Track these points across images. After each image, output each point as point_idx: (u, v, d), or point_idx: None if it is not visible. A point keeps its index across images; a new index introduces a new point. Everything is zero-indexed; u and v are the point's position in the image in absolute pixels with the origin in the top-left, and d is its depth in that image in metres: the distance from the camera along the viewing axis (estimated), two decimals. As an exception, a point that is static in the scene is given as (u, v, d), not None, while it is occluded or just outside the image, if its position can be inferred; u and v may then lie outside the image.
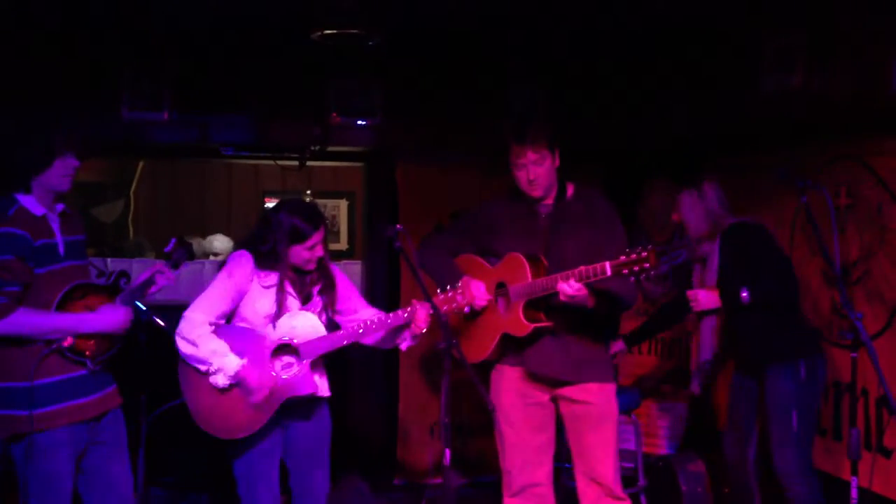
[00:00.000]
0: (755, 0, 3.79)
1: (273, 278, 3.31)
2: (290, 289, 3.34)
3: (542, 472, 3.52)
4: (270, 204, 7.11)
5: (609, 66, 4.81)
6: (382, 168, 5.29)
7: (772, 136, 4.35)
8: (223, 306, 3.28)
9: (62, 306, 2.98)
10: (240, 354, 3.24)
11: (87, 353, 3.01)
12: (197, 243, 6.04)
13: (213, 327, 3.26)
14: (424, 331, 3.35)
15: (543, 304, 3.32)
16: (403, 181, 5.23)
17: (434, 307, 3.12)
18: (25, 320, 2.90)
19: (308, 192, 6.67)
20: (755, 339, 3.80)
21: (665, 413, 5.08)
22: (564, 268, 3.17)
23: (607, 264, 3.05)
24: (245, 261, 3.31)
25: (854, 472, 3.34)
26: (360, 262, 5.73)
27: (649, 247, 2.97)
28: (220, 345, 3.22)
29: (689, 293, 3.87)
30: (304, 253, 3.30)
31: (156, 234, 6.28)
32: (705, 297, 3.80)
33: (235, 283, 3.29)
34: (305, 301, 3.37)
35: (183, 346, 3.23)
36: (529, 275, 3.31)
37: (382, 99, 4.72)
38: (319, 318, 3.36)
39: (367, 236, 5.56)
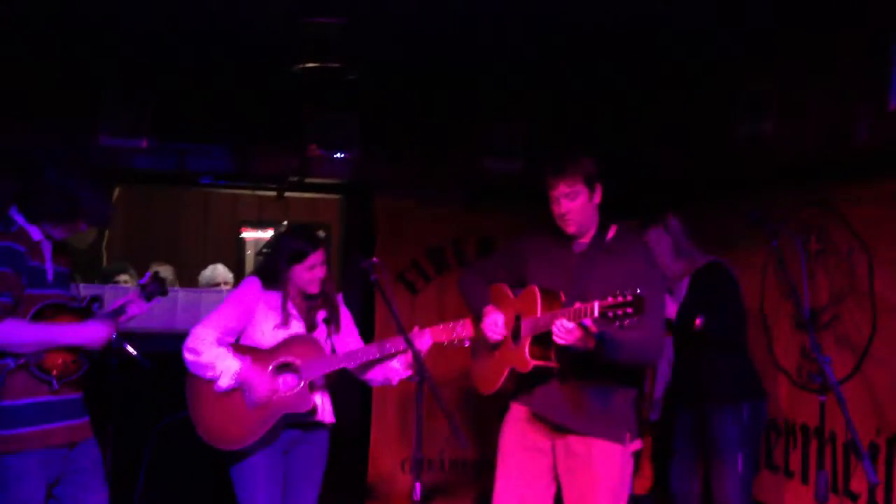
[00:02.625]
0: (728, 49, 3.88)
1: (278, 299, 3.44)
2: (294, 312, 3.47)
3: None
4: (245, 234, 7.12)
5: (579, 108, 4.88)
6: (359, 200, 5.31)
7: (743, 181, 4.42)
8: (230, 322, 3.42)
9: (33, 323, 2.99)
10: (243, 364, 3.36)
11: (54, 371, 3.00)
12: (206, 272, 5.98)
13: (219, 342, 3.38)
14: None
15: (554, 343, 3.06)
16: (381, 214, 5.25)
17: (408, 342, 3.14)
18: (13, 330, 2.91)
19: (285, 222, 6.66)
20: (702, 376, 3.89)
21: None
22: None
23: (596, 304, 2.85)
24: (252, 282, 3.48)
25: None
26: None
27: (637, 291, 2.79)
28: (222, 350, 3.36)
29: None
30: (305, 273, 3.42)
31: (130, 262, 6.21)
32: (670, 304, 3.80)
33: (242, 301, 3.45)
34: (310, 329, 3.50)
35: (188, 356, 3.37)
36: (540, 309, 3.16)
37: (361, 132, 4.75)
38: (324, 345, 3.47)
39: (342, 268, 5.56)
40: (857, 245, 3.85)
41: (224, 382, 3.34)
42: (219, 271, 5.88)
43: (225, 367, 3.33)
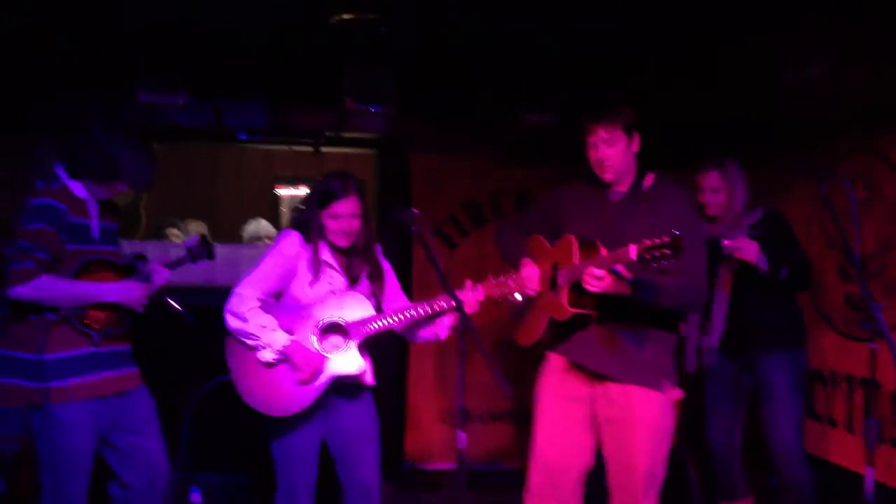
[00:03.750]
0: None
1: (322, 253, 3.30)
2: (335, 264, 3.32)
3: (566, 481, 3.28)
4: (280, 190, 7.13)
5: (617, 60, 4.78)
6: (395, 155, 5.28)
7: (789, 130, 4.33)
8: (271, 283, 3.27)
9: (77, 278, 3.04)
10: (288, 331, 3.23)
11: (96, 326, 3.06)
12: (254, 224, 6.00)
13: (262, 303, 3.25)
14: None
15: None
16: (416, 169, 5.22)
17: (454, 296, 3.05)
18: (48, 285, 2.96)
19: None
20: (762, 324, 3.79)
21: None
22: None
23: (632, 247, 2.82)
24: (292, 238, 3.30)
25: (870, 462, 3.33)
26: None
27: (673, 231, 2.76)
28: (269, 320, 3.21)
29: (730, 242, 3.68)
30: (333, 223, 3.27)
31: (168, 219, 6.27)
32: (749, 245, 3.65)
33: (283, 260, 3.28)
34: (353, 282, 3.35)
35: (231, 321, 3.22)
36: (577, 257, 3.12)
37: (397, 85, 4.70)
38: (368, 299, 3.33)
39: (377, 224, 5.55)
40: (905, 192, 3.78)
41: (268, 356, 3.20)
42: (262, 225, 5.91)
43: (270, 340, 3.19)
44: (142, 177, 3.18)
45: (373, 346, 3.41)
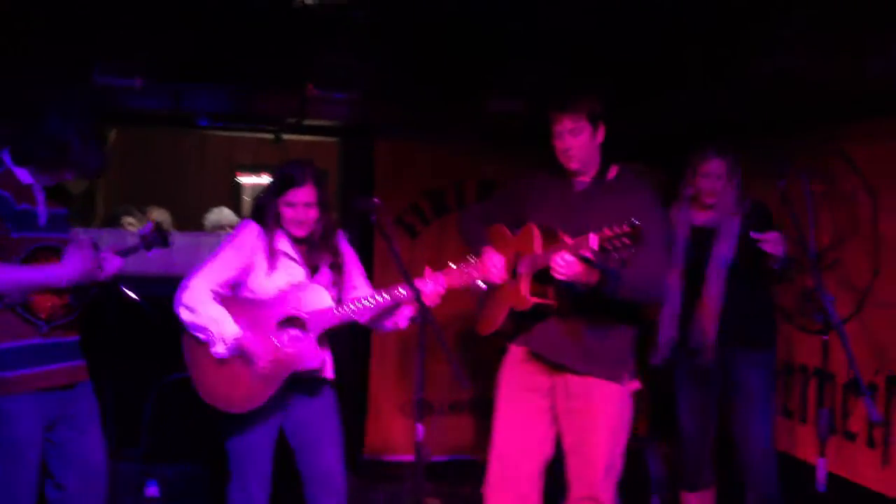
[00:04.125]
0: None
1: (280, 243, 3.24)
2: (294, 254, 3.26)
3: (525, 472, 3.30)
4: (242, 178, 7.05)
5: (585, 50, 4.77)
6: (358, 143, 5.24)
7: (748, 122, 4.37)
8: (226, 273, 3.22)
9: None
10: (244, 326, 3.15)
11: (43, 315, 2.95)
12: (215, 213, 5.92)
13: (217, 296, 3.19)
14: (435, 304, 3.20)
15: (553, 281, 3.07)
16: (380, 157, 5.19)
17: (413, 287, 3.01)
18: None
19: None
20: (750, 320, 3.71)
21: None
22: None
23: (592, 236, 2.84)
24: (250, 228, 3.26)
25: (822, 453, 3.38)
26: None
27: (633, 220, 2.78)
28: (220, 312, 3.15)
29: (758, 234, 3.50)
30: (289, 211, 3.22)
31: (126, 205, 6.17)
32: (776, 239, 3.49)
33: (240, 250, 3.23)
34: (313, 272, 3.30)
35: (183, 314, 3.16)
36: (538, 247, 3.13)
37: (361, 72, 4.66)
38: (330, 292, 3.27)
39: (341, 213, 5.52)
40: (860, 185, 3.83)
41: (220, 350, 3.13)
42: (224, 214, 5.83)
43: (222, 333, 3.12)
44: (91, 165, 3.06)
45: (333, 336, 3.37)
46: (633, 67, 4.58)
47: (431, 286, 3.18)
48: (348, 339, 5.09)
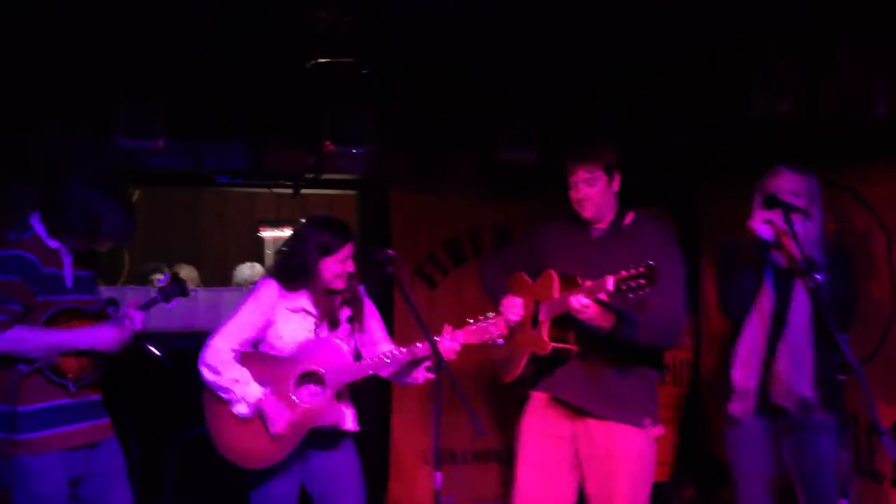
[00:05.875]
0: (747, 28, 3.85)
1: (300, 300, 3.28)
2: (314, 310, 3.30)
3: None
4: (264, 233, 7.15)
5: (606, 91, 4.84)
6: (375, 196, 5.31)
7: (759, 161, 4.38)
8: (247, 333, 3.26)
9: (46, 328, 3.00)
10: (263, 383, 3.20)
11: (70, 374, 3.01)
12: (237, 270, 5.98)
13: (237, 354, 3.23)
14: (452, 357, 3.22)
15: (573, 325, 3.11)
16: (396, 208, 5.25)
17: (431, 342, 3.02)
18: (21, 336, 2.93)
19: (303, 220, 6.69)
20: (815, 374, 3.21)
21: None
22: None
23: (609, 278, 2.86)
24: (271, 287, 3.30)
25: (844, 495, 3.32)
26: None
27: (647, 261, 2.81)
28: (243, 373, 3.20)
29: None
30: (336, 267, 3.26)
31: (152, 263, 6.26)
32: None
33: (261, 309, 3.27)
34: (333, 326, 3.34)
35: (205, 374, 3.21)
36: (557, 292, 3.15)
37: (376, 127, 4.75)
38: (346, 344, 3.32)
39: (359, 264, 5.57)
40: (875, 225, 3.82)
41: (242, 410, 3.18)
42: (256, 270, 5.89)
43: (244, 395, 3.17)
44: (123, 232, 3.14)
45: (356, 389, 3.40)
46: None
47: (449, 343, 3.20)
48: (370, 390, 5.11)
